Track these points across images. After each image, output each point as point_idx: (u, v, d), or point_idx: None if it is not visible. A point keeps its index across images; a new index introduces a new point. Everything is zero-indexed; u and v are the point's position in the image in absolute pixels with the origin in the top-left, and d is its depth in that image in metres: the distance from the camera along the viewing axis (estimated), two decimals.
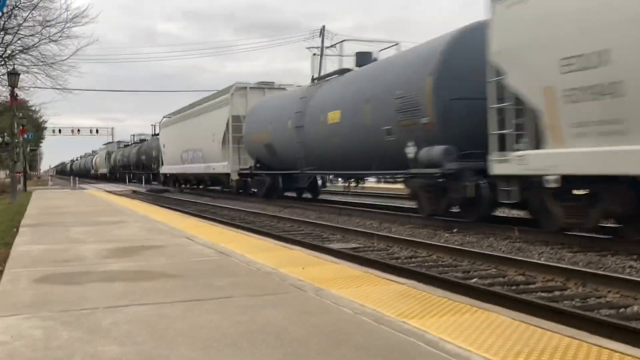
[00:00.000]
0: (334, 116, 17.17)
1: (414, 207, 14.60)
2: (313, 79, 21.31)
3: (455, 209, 13.10)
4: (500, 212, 13.61)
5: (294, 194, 24.08)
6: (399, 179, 16.64)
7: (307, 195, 24.30)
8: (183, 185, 37.82)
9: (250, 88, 26.84)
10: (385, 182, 21.59)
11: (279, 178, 22.58)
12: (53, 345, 3.36)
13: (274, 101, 23.45)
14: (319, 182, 24.24)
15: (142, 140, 56.18)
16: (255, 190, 24.79)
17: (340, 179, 23.30)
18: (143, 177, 49.90)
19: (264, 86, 27.10)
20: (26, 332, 3.63)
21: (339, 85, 17.89)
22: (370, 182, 24.42)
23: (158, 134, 44.11)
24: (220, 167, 27.41)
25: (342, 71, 19.07)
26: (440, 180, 12.65)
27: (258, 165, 23.97)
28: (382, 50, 18.57)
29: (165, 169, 39.84)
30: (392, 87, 14.25)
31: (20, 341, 3.45)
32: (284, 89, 26.32)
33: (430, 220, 13.53)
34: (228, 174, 26.65)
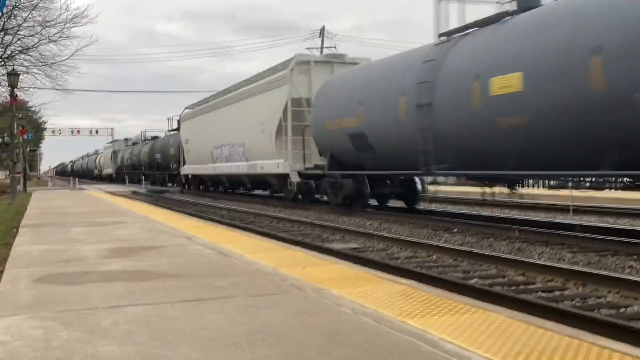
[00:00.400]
0: (506, 82, 10.64)
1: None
2: (441, 35, 13.50)
3: None
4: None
5: (374, 202, 18.43)
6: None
7: (397, 203, 18.39)
8: (213, 188, 31.86)
9: (315, 62, 21.01)
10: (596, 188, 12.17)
11: (366, 181, 16.56)
12: (53, 346, 3.36)
13: (363, 72, 17.06)
14: (418, 185, 17.45)
15: (154, 138, 49.57)
16: (326, 196, 18.72)
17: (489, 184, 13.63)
18: (160, 178, 43.96)
19: (333, 60, 21.34)
20: (26, 332, 3.63)
21: (511, 32, 11.17)
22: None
23: (177, 129, 37.94)
24: (272, 165, 21.32)
25: (495, 18, 11.96)
26: None
27: (332, 163, 17.50)
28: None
29: (188, 169, 33.65)
30: None
31: (20, 341, 3.45)
32: (356, 63, 20.19)
33: (431, 220, 13.49)
34: (285, 175, 20.62)
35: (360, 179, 16.69)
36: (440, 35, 13.49)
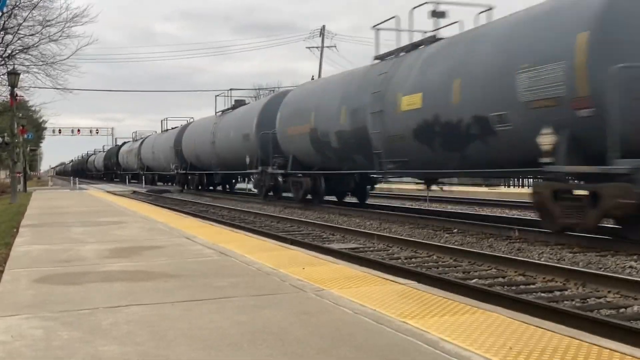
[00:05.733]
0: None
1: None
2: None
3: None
4: None
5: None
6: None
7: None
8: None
9: None
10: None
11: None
12: (53, 345, 3.36)
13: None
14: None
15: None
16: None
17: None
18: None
19: None
20: (27, 332, 3.63)
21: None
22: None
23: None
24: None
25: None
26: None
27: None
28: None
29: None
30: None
31: (20, 341, 3.45)
32: None
33: (431, 220, 13.48)
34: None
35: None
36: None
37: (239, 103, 30.36)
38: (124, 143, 64.54)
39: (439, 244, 10.24)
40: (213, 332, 3.55)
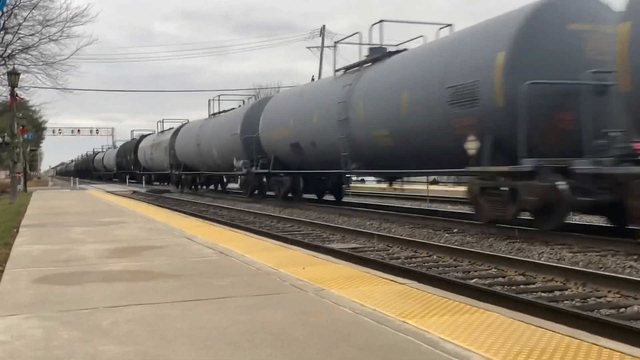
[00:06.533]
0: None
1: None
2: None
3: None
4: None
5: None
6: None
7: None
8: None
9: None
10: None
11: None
12: (53, 345, 3.36)
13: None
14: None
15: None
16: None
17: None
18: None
19: None
20: (26, 332, 3.63)
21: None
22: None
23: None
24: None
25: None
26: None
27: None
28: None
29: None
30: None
31: (20, 341, 3.45)
32: None
33: (431, 220, 13.49)
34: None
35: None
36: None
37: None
38: (144, 136, 50.37)
39: (439, 244, 10.24)
40: (213, 332, 3.55)
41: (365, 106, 15.75)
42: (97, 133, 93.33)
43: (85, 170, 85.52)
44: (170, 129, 40.78)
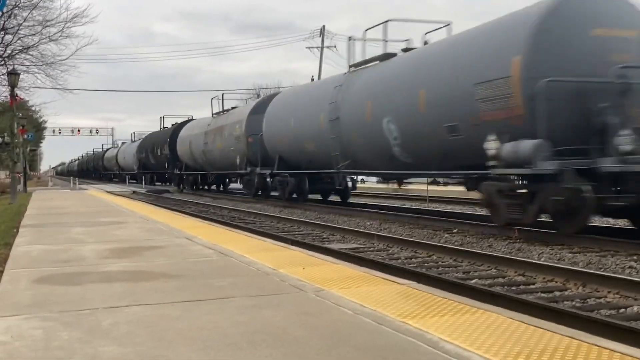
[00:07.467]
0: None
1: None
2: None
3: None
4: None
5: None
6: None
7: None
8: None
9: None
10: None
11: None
12: (53, 346, 3.36)
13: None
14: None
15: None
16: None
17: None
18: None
19: None
20: (26, 333, 3.63)
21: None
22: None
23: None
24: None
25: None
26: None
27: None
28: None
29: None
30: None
31: (20, 341, 3.45)
32: None
33: (431, 220, 13.47)
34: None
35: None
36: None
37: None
38: (181, 123, 38.10)
39: (439, 244, 10.24)
40: (213, 333, 3.55)
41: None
42: (97, 133, 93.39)
43: (92, 170, 77.15)
44: (236, 107, 30.45)
